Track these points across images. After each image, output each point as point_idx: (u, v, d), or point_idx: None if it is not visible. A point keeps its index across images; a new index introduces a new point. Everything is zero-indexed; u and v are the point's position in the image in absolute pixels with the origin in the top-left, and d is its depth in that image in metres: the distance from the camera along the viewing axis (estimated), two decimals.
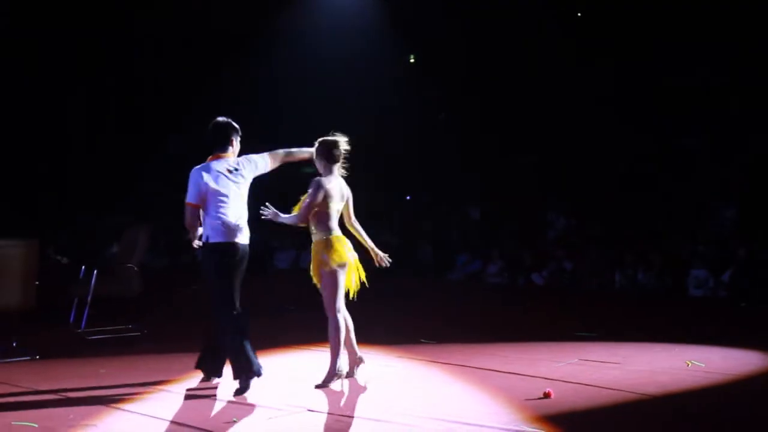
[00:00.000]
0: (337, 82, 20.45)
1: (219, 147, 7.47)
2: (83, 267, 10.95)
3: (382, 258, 7.56)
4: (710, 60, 17.40)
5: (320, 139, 7.47)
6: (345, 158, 7.45)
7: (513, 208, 19.11)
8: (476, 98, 20.41)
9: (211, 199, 7.23)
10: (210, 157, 7.44)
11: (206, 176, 7.26)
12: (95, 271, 10.56)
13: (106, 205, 21.57)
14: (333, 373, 7.23)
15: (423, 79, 21.46)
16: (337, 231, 7.36)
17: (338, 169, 7.44)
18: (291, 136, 8.44)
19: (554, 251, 16.52)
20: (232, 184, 7.30)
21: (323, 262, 7.27)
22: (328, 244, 7.26)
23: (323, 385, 7.16)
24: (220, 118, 7.60)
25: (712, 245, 14.92)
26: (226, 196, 7.24)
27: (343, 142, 7.42)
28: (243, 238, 7.31)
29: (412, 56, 22.79)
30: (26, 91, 21.02)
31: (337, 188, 7.38)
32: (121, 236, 11.73)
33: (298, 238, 19.45)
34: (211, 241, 7.22)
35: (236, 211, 7.27)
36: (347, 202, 7.49)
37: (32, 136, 21.43)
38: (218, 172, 7.29)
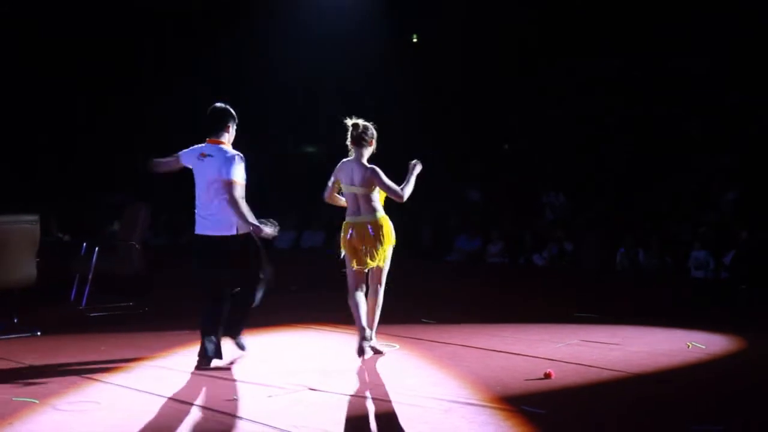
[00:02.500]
0: (334, 61, 20.42)
1: (214, 133, 7.41)
2: (85, 244, 10.96)
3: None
4: (711, 43, 17.36)
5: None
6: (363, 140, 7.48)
7: (513, 189, 19.12)
8: (475, 79, 20.39)
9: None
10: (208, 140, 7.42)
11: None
12: (96, 249, 10.57)
13: (108, 182, 21.59)
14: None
15: (423, 60, 21.43)
16: (349, 216, 7.53)
17: (360, 152, 7.49)
18: (283, 116, 8.42)
19: (555, 232, 16.51)
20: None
21: None
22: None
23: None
24: (218, 104, 7.52)
25: (713, 227, 14.92)
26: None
27: (357, 123, 7.51)
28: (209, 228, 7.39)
29: (414, 35, 22.76)
30: (26, 70, 21.00)
31: (348, 171, 7.47)
32: (123, 214, 11.75)
33: (297, 220, 19.53)
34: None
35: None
36: (366, 185, 7.43)
37: (34, 113, 21.42)
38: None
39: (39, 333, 8.96)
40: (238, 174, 7.20)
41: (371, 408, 6.02)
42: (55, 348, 8.23)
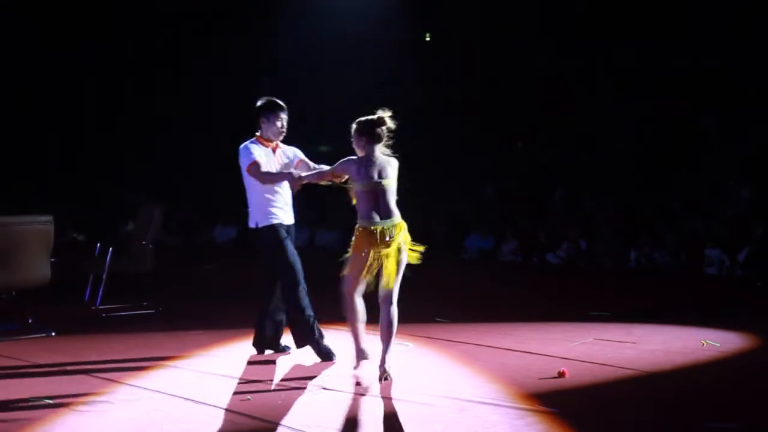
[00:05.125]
0: (348, 56, 20.40)
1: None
2: (99, 244, 10.99)
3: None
4: (726, 39, 17.28)
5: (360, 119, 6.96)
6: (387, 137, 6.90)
7: (527, 186, 19.08)
8: (490, 75, 20.36)
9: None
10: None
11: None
12: (111, 249, 10.60)
13: (122, 182, 21.66)
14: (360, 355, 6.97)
15: (436, 56, 21.41)
16: (362, 220, 6.81)
17: (378, 149, 6.86)
18: (299, 114, 8.37)
19: (569, 230, 16.46)
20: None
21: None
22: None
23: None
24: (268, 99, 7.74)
25: (727, 224, 14.86)
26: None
27: (386, 119, 6.86)
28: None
29: (427, 34, 22.75)
30: (40, 68, 21.04)
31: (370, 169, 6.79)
32: (137, 214, 11.77)
33: (312, 216, 19.55)
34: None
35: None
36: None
37: (49, 112, 21.47)
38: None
39: (53, 333, 8.98)
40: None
41: (385, 407, 6.01)
42: (70, 348, 8.25)
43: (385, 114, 6.85)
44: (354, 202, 6.86)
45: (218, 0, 21.22)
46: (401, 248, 6.83)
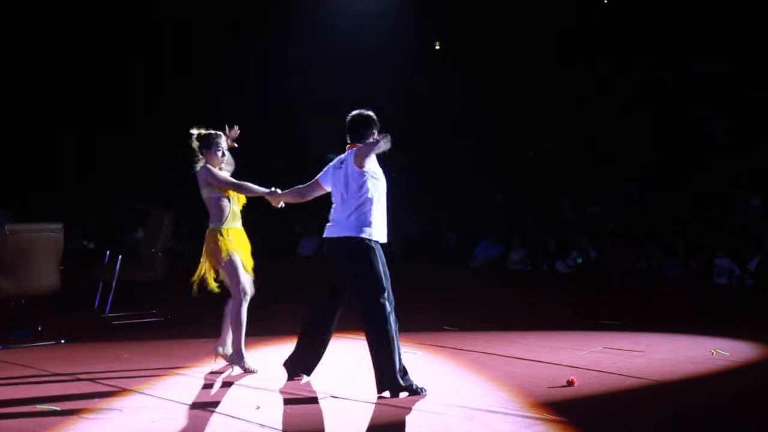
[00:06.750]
0: (355, 64, 20.42)
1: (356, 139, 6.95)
2: (108, 252, 11.02)
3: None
4: (736, 48, 17.25)
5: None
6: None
7: (536, 194, 19.06)
8: (501, 83, 20.36)
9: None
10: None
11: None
12: (120, 256, 10.62)
13: (132, 189, 21.67)
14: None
15: (446, 65, 21.42)
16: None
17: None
18: (309, 121, 8.41)
19: (578, 239, 16.42)
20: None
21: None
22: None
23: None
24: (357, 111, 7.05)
25: (736, 234, 14.80)
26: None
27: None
28: (332, 231, 6.99)
29: (437, 42, 22.78)
30: (52, 74, 21.08)
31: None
32: (146, 221, 11.80)
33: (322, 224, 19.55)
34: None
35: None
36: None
37: (57, 119, 21.51)
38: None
39: (63, 341, 9.01)
40: None
41: (393, 415, 6.00)
42: (79, 356, 8.27)
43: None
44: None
45: (225, 7, 21.27)
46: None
